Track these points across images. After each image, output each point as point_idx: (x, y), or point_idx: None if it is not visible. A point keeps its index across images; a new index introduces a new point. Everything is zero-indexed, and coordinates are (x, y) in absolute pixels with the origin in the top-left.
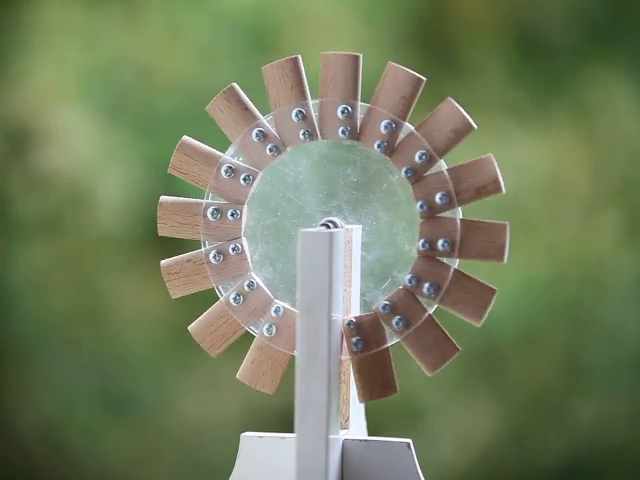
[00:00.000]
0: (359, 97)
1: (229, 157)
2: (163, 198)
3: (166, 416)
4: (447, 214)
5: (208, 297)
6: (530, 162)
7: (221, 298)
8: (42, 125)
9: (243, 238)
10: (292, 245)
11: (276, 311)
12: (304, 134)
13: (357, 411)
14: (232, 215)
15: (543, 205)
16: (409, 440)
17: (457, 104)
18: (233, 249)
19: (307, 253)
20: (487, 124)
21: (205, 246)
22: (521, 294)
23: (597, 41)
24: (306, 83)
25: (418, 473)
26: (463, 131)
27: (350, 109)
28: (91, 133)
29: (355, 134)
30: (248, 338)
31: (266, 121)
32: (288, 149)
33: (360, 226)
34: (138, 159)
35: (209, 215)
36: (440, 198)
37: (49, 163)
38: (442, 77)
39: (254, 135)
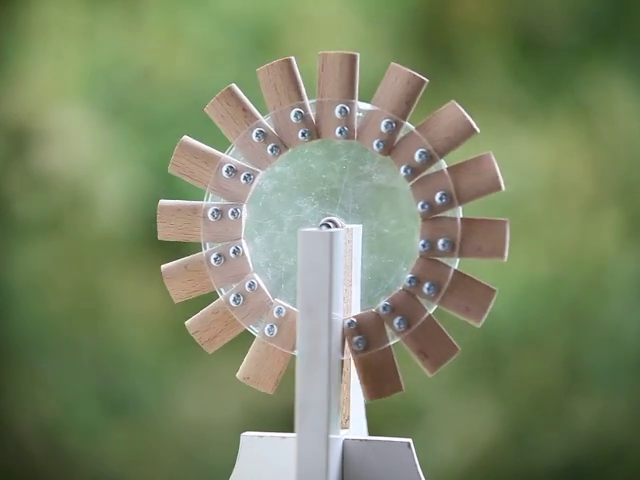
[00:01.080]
0: (356, 96)
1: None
2: (162, 202)
3: (166, 416)
4: (447, 213)
5: (208, 298)
6: (531, 162)
7: (221, 297)
8: (42, 125)
9: (243, 240)
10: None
11: (278, 312)
12: (303, 134)
13: (357, 411)
14: (233, 214)
15: (544, 205)
16: (409, 440)
17: (461, 107)
18: (234, 251)
19: (307, 253)
20: (487, 123)
21: (206, 248)
22: (522, 294)
23: (597, 40)
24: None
25: (418, 473)
26: (465, 134)
27: (348, 108)
28: (91, 133)
29: (353, 133)
30: (247, 337)
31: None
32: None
33: (360, 225)
34: (138, 159)
35: (209, 216)
36: (440, 198)
37: (49, 163)
38: (443, 76)
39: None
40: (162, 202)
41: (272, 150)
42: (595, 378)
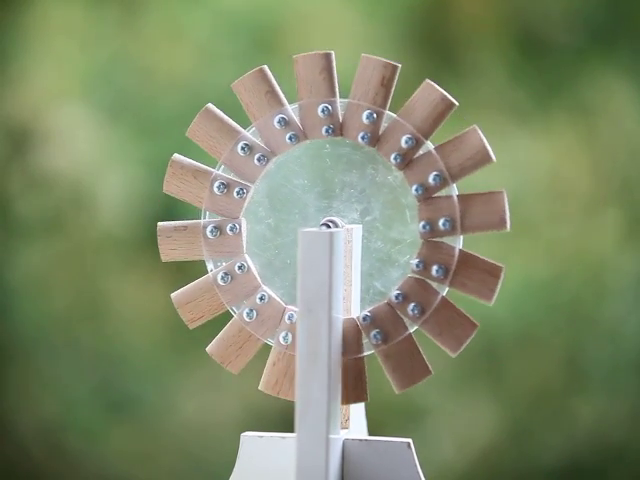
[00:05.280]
0: (337, 94)
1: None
2: (160, 224)
3: (166, 416)
4: (443, 193)
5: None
6: (530, 162)
7: (235, 316)
8: (43, 125)
9: (246, 255)
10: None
11: (289, 318)
12: (290, 138)
13: (357, 411)
14: (231, 230)
15: (543, 205)
16: (409, 440)
17: (435, 84)
18: (239, 267)
19: (307, 253)
20: (487, 124)
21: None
22: (521, 294)
23: (598, 41)
24: (279, 89)
25: (418, 473)
26: (445, 110)
27: (330, 107)
28: (92, 133)
29: (339, 130)
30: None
31: (251, 133)
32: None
33: (360, 226)
34: (138, 159)
35: (208, 234)
36: (433, 178)
37: (50, 163)
38: (443, 77)
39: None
40: (160, 224)
41: (259, 160)
42: (595, 378)
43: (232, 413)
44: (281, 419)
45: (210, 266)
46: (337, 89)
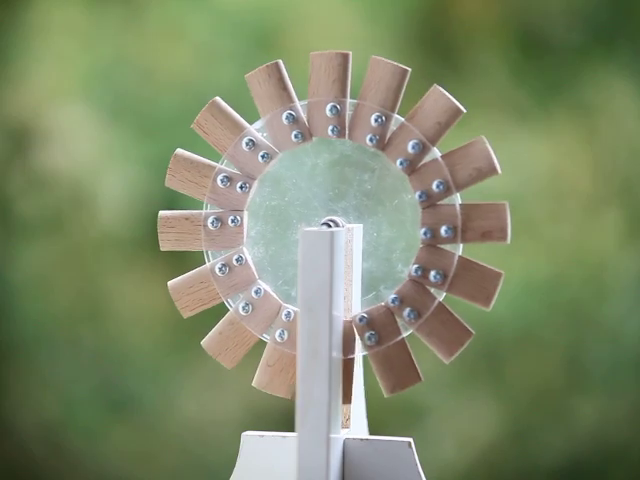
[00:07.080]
0: (348, 94)
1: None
2: (161, 213)
3: (167, 415)
4: (446, 201)
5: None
6: (531, 162)
7: (231, 310)
8: (43, 125)
9: (244, 248)
10: (289, 232)
11: (287, 316)
12: (296, 136)
13: (358, 410)
14: (233, 222)
15: (544, 205)
16: (410, 439)
17: (444, 90)
18: (237, 260)
19: (308, 252)
20: (488, 123)
21: (208, 257)
22: (522, 294)
23: (599, 41)
24: (290, 85)
25: (419, 472)
26: (453, 116)
27: (338, 107)
28: (92, 133)
29: (344, 131)
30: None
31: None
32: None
33: (361, 225)
34: (139, 159)
35: (209, 225)
36: (437, 186)
37: (50, 163)
38: (444, 77)
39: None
40: (161, 213)
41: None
42: (595, 377)
43: (233, 412)
44: (282, 418)
45: (208, 256)
46: (348, 90)
